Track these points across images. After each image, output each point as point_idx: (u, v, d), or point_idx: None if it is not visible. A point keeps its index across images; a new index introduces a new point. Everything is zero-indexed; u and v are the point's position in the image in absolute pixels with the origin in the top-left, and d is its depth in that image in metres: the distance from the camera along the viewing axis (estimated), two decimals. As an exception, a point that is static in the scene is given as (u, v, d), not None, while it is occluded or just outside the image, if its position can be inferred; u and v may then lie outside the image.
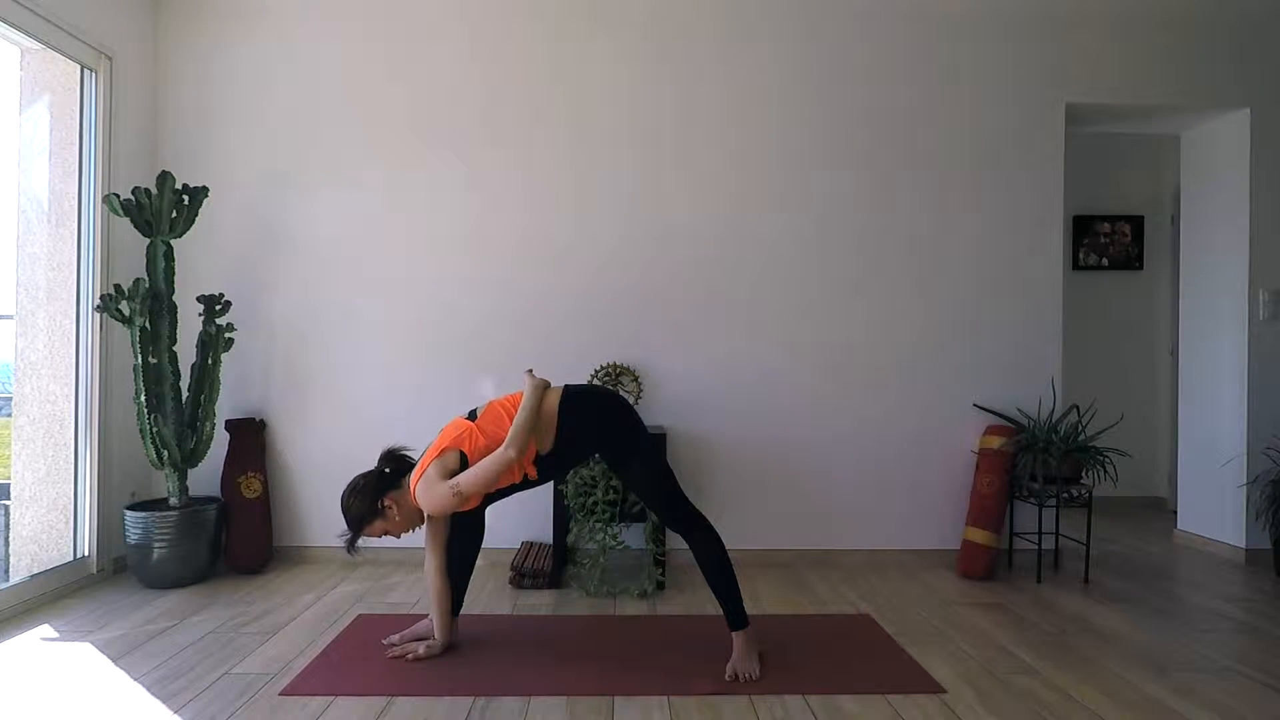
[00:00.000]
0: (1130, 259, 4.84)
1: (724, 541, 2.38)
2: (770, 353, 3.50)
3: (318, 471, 3.47)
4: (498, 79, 3.50)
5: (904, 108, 3.55)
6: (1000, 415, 3.48)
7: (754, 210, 3.51)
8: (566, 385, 2.41)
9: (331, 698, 2.12)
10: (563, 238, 3.49)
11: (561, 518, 3.17)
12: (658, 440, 3.06)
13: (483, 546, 3.18)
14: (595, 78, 3.50)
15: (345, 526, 2.34)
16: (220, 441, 3.37)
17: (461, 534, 2.49)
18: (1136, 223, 4.84)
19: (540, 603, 2.95)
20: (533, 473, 2.29)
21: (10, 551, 3.09)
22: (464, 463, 2.26)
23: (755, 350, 3.50)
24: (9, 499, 3.13)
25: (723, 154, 3.51)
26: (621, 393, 3.39)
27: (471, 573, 2.54)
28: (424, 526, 2.42)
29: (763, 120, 3.52)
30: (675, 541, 3.29)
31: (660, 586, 3.07)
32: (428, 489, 2.23)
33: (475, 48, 3.50)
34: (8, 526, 3.14)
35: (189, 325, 3.32)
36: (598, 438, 2.37)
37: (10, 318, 3.12)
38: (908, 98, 3.55)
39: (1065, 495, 3.26)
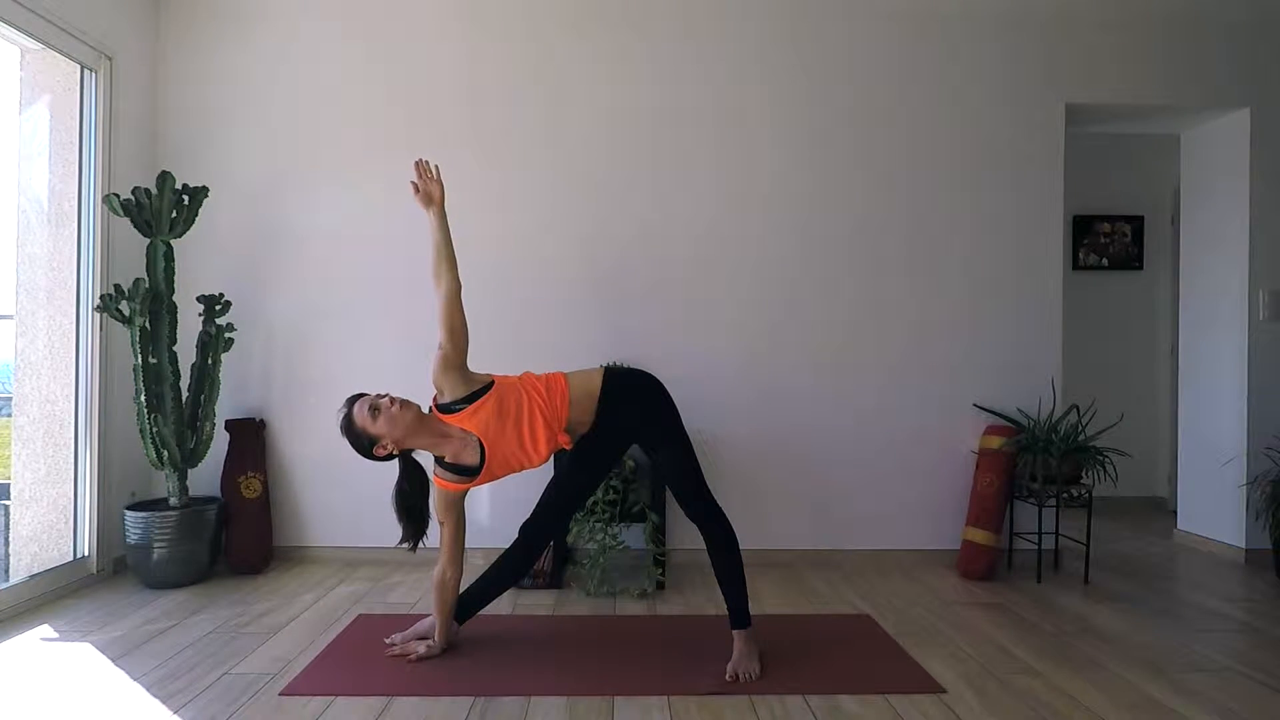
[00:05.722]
0: (1130, 259, 4.84)
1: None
2: (769, 352, 3.50)
3: (318, 471, 3.47)
4: (497, 78, 3.50)
5: (904, 108, 3.54)
6: (1000, 415, 3.48)
7: (750, 211, 3.51)
8: (606, 366, 2.44)
9: (331, 698, 2.12)
10: (562, 239, 3.49)
11: (561, 518, 3.17)
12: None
13: (484, 547, 3.20)
14: (596, 78, 3.50)
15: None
16: (220, 441, 3.37)
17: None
18: (1136, 223, 4.84)
19: (540, 603, 2.95)
20: (565, 440, 2.33)
21: (10, 551, 3.08)
22: (487, 387, 2.30)
23: (753, 350, 3.50)
24: (9, 499, 3.13)
25: (720, 155, 3.51)
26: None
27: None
28: (441, 537, 2.40)
29: (762, 121, 3.52)
30: (675, 541, 3.30)
31: (660, 586, 3.07)
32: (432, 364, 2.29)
33: (475, 48, 3.50)
34: (8, 526, 3.14)
35: (189, 325, 3.32)
36: (639, 418, 2.39)
37: (10, 318, 3.12)
38: (907, 98, 3.55)
39: (1065, 495, 3.26)
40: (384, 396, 2.28)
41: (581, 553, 3.08)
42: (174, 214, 3.16)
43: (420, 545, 2.37)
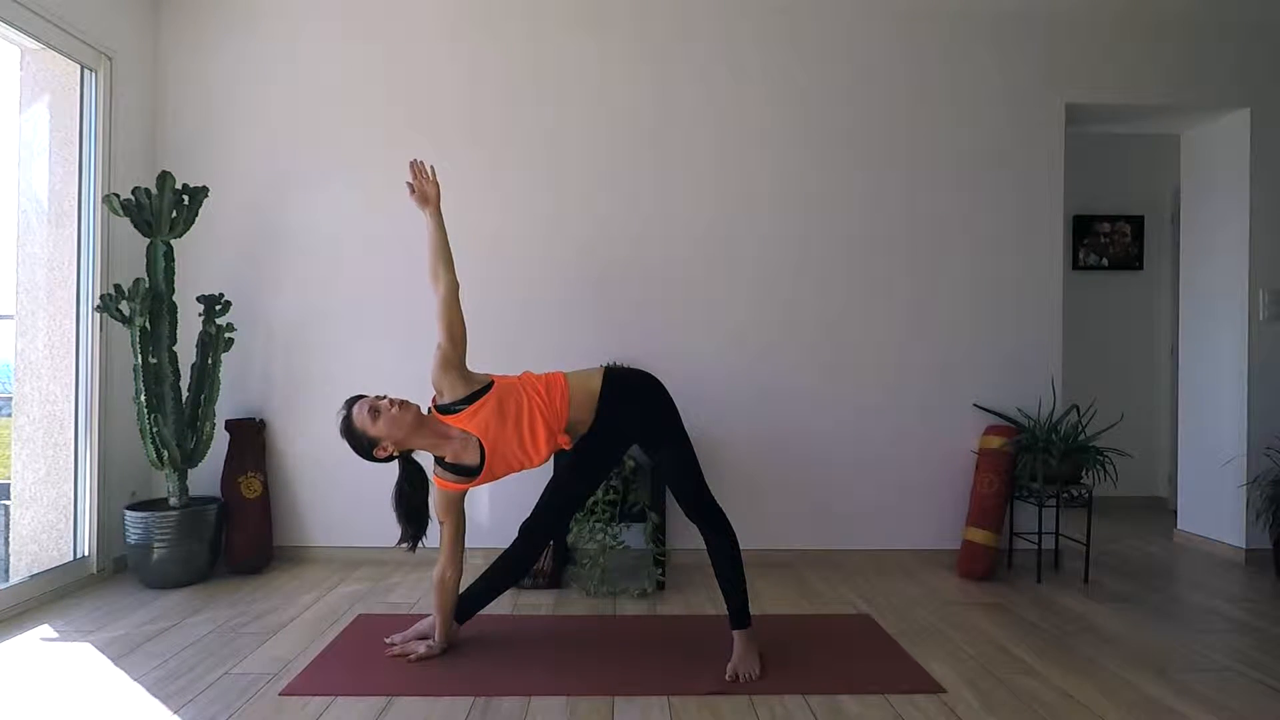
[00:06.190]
0: (1130, 259, 4.84)
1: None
2: (769, 352, 3.50)
3: (318, 471, 3.47)
4: (497, 78, 3.50)
5: (903, 108, 3.54)
6: (1000, 415, 3.48)
7: (750, 211, 3.51)
8: (606, 366, 2.44)
9: (331, 698, 2.12)
10: (562, 239, 3.49)
11: (561, 518, 3.17)
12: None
13: (484, 547, 3.20)
14: (596, 78, 3.50)
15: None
16: (220, 441, 3.37)
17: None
18: (1136, 223, 4.84)
19: (540, 603, 2.95)
20: (565, 440, 2.32)
21: (10, 551, 3.09)
22: (486, 388, 2.31)
23: (753, 350, 3.50)
24: (9, 499, 3.13)
25: (720, 155, 3.51)
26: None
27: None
28: (441, 537, 2.41)
29: (762, 121, 3.52)
30: (675, 541, 3.30)
31: (660, 586, 3.07)
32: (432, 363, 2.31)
33: (475, 48, 3.50)
34: (8, 526, 3.14)
35: (189, 325, 3.32)
36: (639, 418, 2.39)
37: (10, 318, 3.12)
38: (907, 98, 3.54)
39: (1065, 495, 3.26)
40: (383, 398, 2.28)
41: (581, 553, 3.08)
42: (174, 214, 3.16)
43: (420, 545, 2.37)
